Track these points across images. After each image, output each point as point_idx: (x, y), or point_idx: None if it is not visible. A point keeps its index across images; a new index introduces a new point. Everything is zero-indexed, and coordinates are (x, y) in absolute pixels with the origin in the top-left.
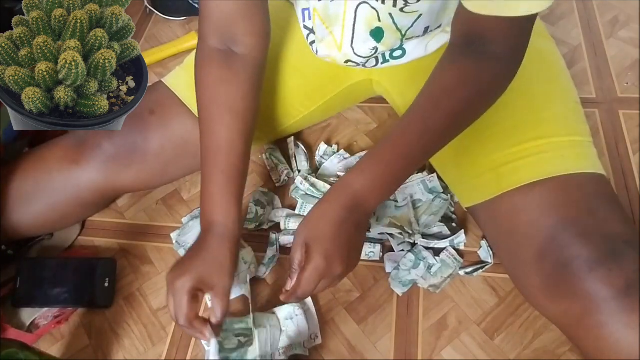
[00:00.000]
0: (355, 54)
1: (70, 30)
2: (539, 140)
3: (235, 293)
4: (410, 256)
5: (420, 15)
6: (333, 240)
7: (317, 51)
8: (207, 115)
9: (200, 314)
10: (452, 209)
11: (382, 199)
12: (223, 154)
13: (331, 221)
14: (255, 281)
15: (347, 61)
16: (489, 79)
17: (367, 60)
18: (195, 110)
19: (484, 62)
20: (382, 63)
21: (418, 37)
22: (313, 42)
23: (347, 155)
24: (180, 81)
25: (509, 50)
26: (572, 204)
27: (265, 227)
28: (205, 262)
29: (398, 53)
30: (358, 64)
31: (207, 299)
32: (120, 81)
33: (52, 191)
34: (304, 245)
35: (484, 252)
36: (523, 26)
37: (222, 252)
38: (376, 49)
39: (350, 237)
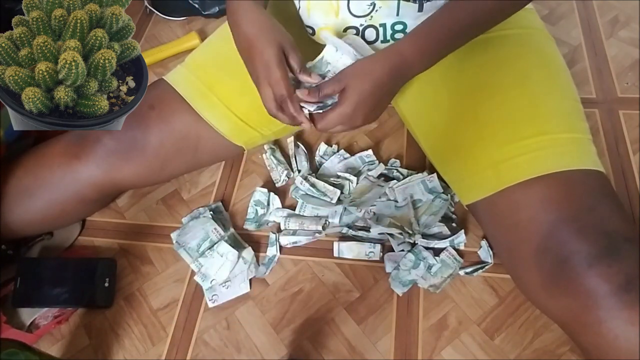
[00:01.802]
0: (352, 14)
1: (70, 30)
2: (538, 137)
3: None
4: (410, 256)
5: None
6: (367, 97)
7: (313, 30)
8: None
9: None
10: (452, 209)
11: (426, 67)
12: None
13: (373, 80)
14: (255, 281)
15: (345, 29)
16: None
17: (366, 27)
18: (195, 106)
19: None
20: (382, 42)
21: None
22: (310, 28)
23: (347, 155)
24: (181, 77)
25: None
26: (571, 200)
27: (265, 227)
28: (254, 65)
29: (399, 27)
30: (357, 31)
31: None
32: (120, 81)
33: (52, 186)
34: (341, 85)
35: (484, 252)
36: None
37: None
38: (374, 5)
39: (382, 99)
